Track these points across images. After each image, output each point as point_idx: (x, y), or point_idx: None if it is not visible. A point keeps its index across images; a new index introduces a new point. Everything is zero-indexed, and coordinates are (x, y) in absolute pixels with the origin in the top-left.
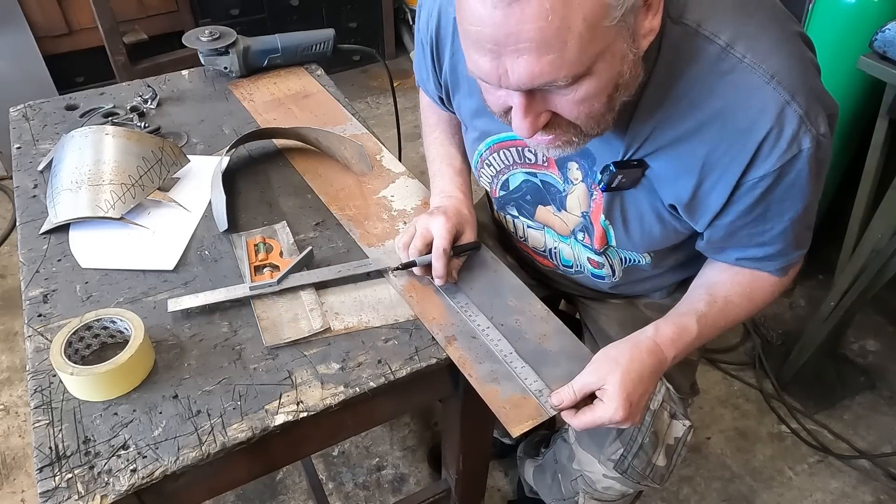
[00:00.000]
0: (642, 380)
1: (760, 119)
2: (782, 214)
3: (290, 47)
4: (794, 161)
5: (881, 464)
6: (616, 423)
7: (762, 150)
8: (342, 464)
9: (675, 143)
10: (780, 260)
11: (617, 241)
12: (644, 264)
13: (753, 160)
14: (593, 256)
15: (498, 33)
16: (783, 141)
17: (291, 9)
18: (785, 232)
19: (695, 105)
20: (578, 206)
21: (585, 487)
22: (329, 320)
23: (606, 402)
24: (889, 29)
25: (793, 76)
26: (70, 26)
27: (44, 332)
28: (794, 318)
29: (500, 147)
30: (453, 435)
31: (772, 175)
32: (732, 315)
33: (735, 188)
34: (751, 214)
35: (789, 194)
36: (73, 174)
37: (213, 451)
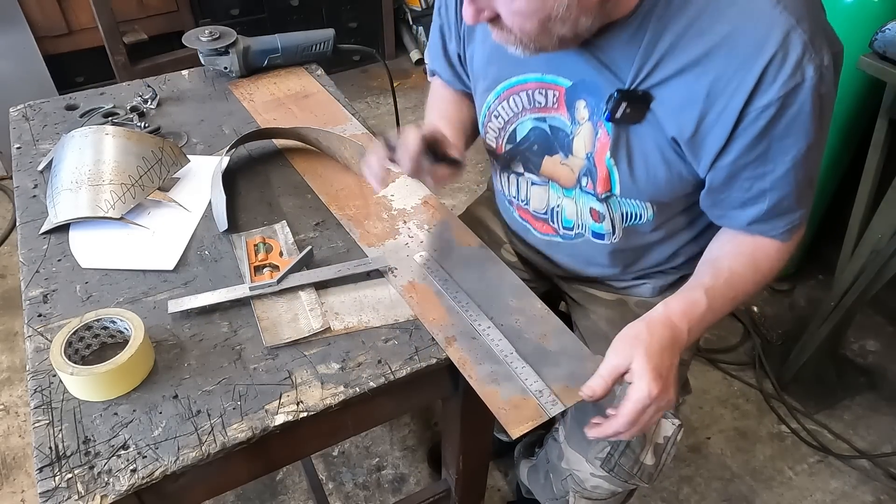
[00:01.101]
0: (664, 351)
1: (766, 42)
2: (784, 153)
3: (290, 47)
4: (797, 91)
5: (881, 464)
6: (655, 398)
7: (767, 74)
8: (342, 464)
9: (682, 71)
10: (783, 220)
11: (621, 185)
12: (645, 221)
13: (758, 86)
14: (595, 205)
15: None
16: (787, 66)
17: (291, 9)
18: (787, 176)
19: (703, 31)
20: (584, 148)
21: (575, 486)
22: (329, 320)
23: (637, 380)
24: (889, 29)
25: (798, 2)
26: (70, 26)
27: (44, 332)
28: (794, 318)
29: (511, 93)
30: (453, 435)
31: (775, 104)
32: (740, 286)
33: (738, 120)
34: (753, 152)
35: (791, 130)
36: (73, 174)
37: (213, 451)
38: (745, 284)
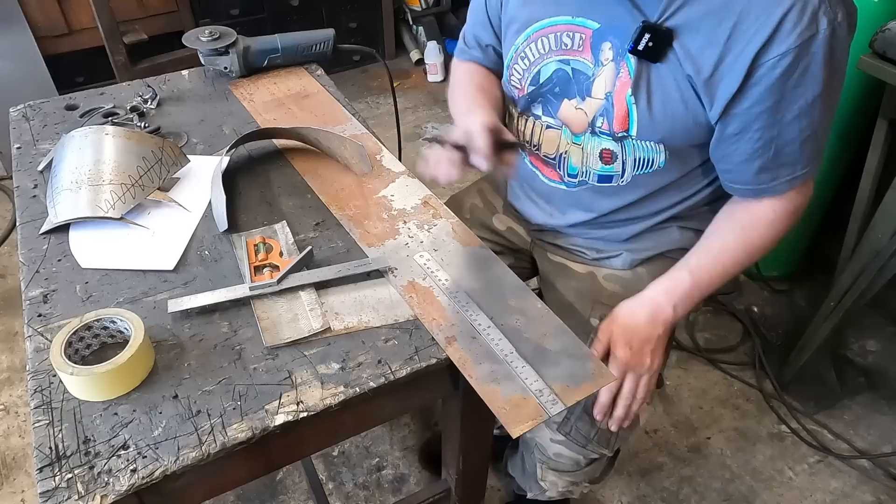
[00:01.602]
0: (639, 325)
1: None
2: (794, 101)
3: (290, 47)
4: (811, 41)
5: (881, 464)
6: (627, 363)
7: (784, 24)
8: (342, 464)
9: (707, 14)
10: (785, 170)
11: (638, 124)
12: (656, 168)
13: (774, 35)
14: (610, 145)
15: None
16: (805, 17)
17: (291, 9)
18: (793, 123)
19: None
20: (604, 88)
21: (540, 456)
22: (329, 320)
23: (611, 349)
24: (889, 29)
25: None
26: (70, 26)
27: (44, 332)
28: (794, 318)
29: (540, 35)
30: (453, 435)
31: (791, 53)
32: (729, 260)
33: (752, 67)
34: (767, 101)
35: (803, 80)
36: (73, 174)
37: (213, 451)
38: (735, 254)
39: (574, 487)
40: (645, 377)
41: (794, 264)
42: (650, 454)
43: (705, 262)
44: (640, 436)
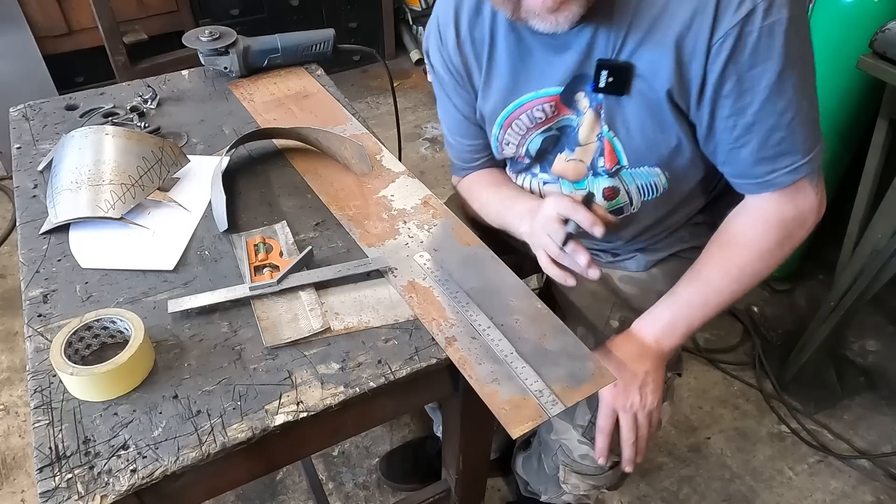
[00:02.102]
0: (627, 363)
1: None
2: (757, 82)
3: (290, 47)
4: (751, 17)
5: (881, 464)
6: (616, 402)
7: (720, 7)
8: (342, 464)
9: (652, 29)
10: (782, 161)
11: (627, 154)
12: (662, 192)
13: (716, 19)
14: (607, 183)
15: None
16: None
17: (291, 9)
18: (766, 106)
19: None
20: (592, 132)
21: (564, 459)
22: (329, 320)
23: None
24: (889, 29)
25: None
26: (70, 26)
27: (44, 332)
28: (794, 318)
29: (513, 118)
30: (453, 435)
31: (733, 33)
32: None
33: (707, 55)
34: (725, 85)
35: (758, 58)
36: (73, 174)
37: (213, 451)
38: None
39: (593, 492)
40: (640, 414)
41: (794, 264)
42: (650, 454)
43: (688, 294)
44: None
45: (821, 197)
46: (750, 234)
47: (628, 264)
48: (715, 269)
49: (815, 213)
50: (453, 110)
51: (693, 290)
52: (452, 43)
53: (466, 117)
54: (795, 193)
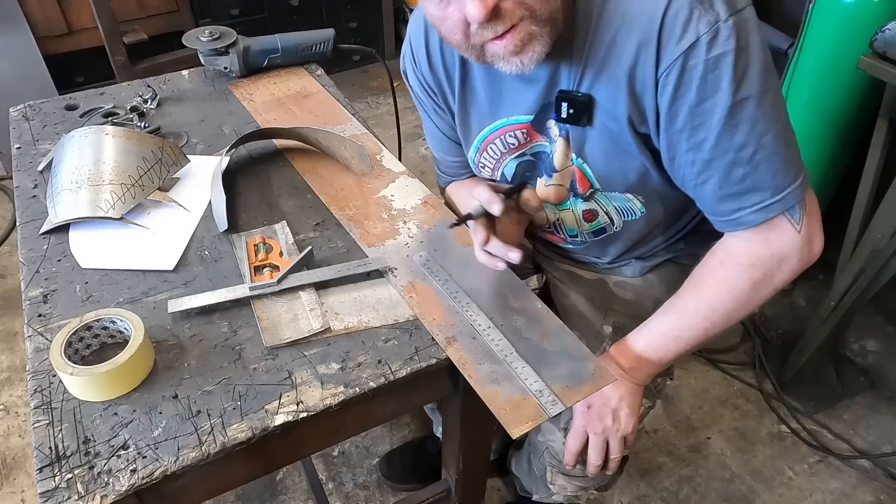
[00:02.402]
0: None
1: (654, 10)
2: (708, 117)
3: (290, 47)
4: (693, 50)
5: (881, 464)
6: (587, 426)
7: (662, 39)
8: (342, 464)
9: (605, 62)
10: (749, 198)
11: (598, 180)
12: (640, 214)
13: (659, 54)
14: (584, 206)
15: None
16: (678, 27)
17: (291, 9)
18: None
19: (611, 17)
20: (566, 157)
21: (551, 460)
22: (329, 320)
23: (574, 410)
24: (889, 29)
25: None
26: (70, 26)
27: (44, 332)
28: (794, 318)
29: (488, 142)
30: (453, 435)
31: (676, 67)
32: (685, 323)
33: (655, 88)
34: (677, 119)
35: (706, 92)
36: (73, 174)
37: (213, 451)
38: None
39: (582, 493)
40: (612, 439)
41: None
42: (650, 454)
43: (662, 326)
44: (640, 436)
45: (807, 234)
46: (721, 272)
47: (624, 270)
48: (689, 304)
49: (797, 251)
50: (435, 129)
51: (667, 323)
52: (425, 64)
53: (448, 136)
54: (770, 232)
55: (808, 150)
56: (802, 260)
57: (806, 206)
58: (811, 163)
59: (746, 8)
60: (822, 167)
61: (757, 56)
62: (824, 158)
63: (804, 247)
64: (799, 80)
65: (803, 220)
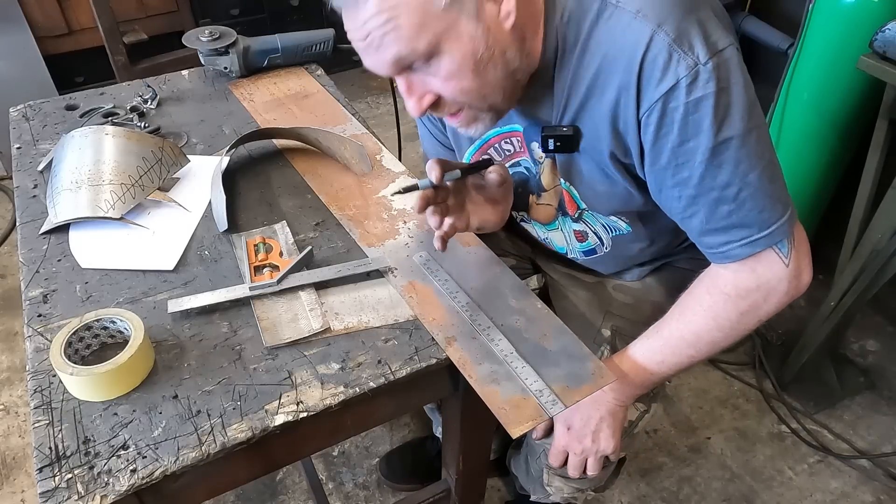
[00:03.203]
0: (580, 408)
1: (634, 52)
2: (691, 157)
3: (290, 47)
4: (673, 92)
5: (881, 464)
6: (567, 445)
7: (642, 82)
8: (342, 464)
9: (587, 98)
10: (735, 232)
11: (585, 201)
12: (627, 232)
13: (639, 95)
14: (575, 227)
15: (357, 35)
16: (657, 70)
17: (291, 9)
18: (706, 179)
19: (592, 57)
20: (554, 178)
21: (547, 462)
22: (329, 320)
23: (555, 427)
24: (889, 29)
25: (659, 7)
26: (70, 26)
27: (44, 332)
28: (794, 318)
29: (483, 150)
30: (453, 435)
31: (657, 108)
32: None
33: (638, 128)
34: (660, 158)
35: (687, 132)
36: (73, 174)
37: (212, 451)
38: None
39: (579, 494)
40: (591, 459)
41: None
42: (650, 454)
43: (646, 350)
44: (640, 436)
45: (796, 267)
46: (706, 301)
47: (623, 274)
48: (675, 331)
49: (784, 283)
50: (428, 135)
51: (652, 347)
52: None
53: (441, 143)
54: (757, 264)
55: (808, 150)
56: (789, 293)
57: (794, 239)
58: (811, 163)
59: (728, 48)
60: (822, 167)
61: (739, 96)
62: (824, 158)
63: (792, 280)
64: (799, 80)
65: (791, 253)
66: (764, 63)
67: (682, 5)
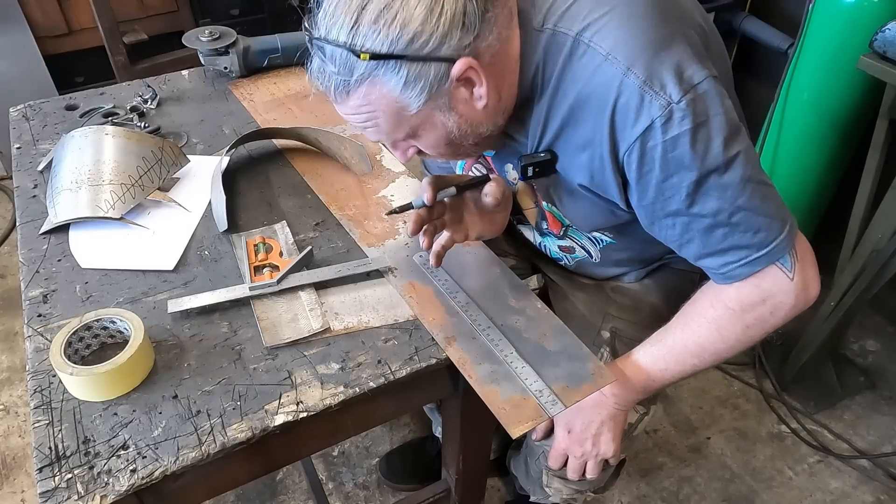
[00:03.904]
0: (580, 413)
1: (606, 96)
2: (677, 192)
3: (290, 47)
4: (649, 132)
5: (881, 464)
6: (567, 449)
7: (616, 124)
8: (342, 464)
9: (561, 131)
10: (730, 255)
11: (569, 219)
12: (614, 243)
13: (614, 136)
14: (560, 243)
15: (343, 113)
16: (630, 112)
17: (291, 9)
18: (695, 210)
19: (566, 93)
20: (529, 199)
21: (546, 463)
22: (329, 320)
23: (555, 430)
24: (889, 29)
25: (629, 48)
26: (70, 26)
27: (44, 332)
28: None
29: (472, 163)
30: (453, 435)
31: (635, 149)
32: (673, 357)
33: (616, 168)
34: (646, 195)
35: (670, 169)
36: (73, 174)
37: (212, 451)
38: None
39: (578, 495)
40: (591, 462)
41: None
42: (650, 454)
43: (650, 357)
44: (640, 436)
45: (802, 280)
46: (710, 313)
47: (622, 276)
48: (678, 340)
49: (791, 297)
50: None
51: (656, 354)
52: None
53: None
54: (761, 280)
55: (808, 150)
56: (797, 307)
57: (797, 253)
58: (811, 163)
59: (703, 81)
60: (822, 167)
61: (719, 126)
62: (824, 158)
63: (800, 293)
64: (799, 80)
65: (795, 266)
66: (764, 63)
67: (653, 44)
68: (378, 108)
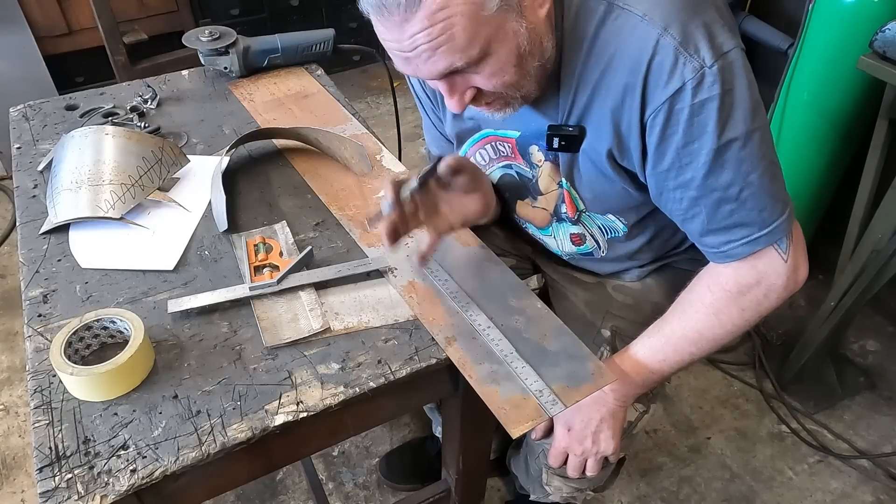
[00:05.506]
0: (579, 410)
1: (641, 55)
2: (695, 158)
3: (290, 47)
4: (680, 95)
5: (881, 464)
6: (567, 446)
7: (648, 84)
8: (342, 464)
9: (593, 97)
10: (734, 232)
11: (584, 202)
12: (622, 233)
13: (644, 97)
14: (573, 230)
15: (401, 46)
16: (664, 73)
17: (291, 9)
18: (708, 180)
19: (598, 57)
20: (552, 181)
21: (546, 462)
22: (329, 320)
23: (555, 428)
24: (889, 29)
25: (665, 10)
26: (70, 26)
27: (44, 332)
28: (794, 318)
29: (479, 147)
30: (453, 435)
31: (663, 111)
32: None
33: (641, 131)
34: (664, 160)
35: (693, 134)
36: (73, 174)
37: (212, 451)
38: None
39: (578, 494)
40: (591, 460)
41: None
42: (650, 454)
43: (648, 348)
44: (639, 436)
45: (794, 263)
46: (708, 298)
47: (623, 275)
48: (676, 328)
49: (783, 278)
50: (432, 128)
51: (654, 346)
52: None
53: (445, 136)
54: (757, 261)
55: (808, 150)
56: (788, 288)
57: (792, 236)
58: (811, 163)
59: (733, 50)
60: (822, 167)
61: (743, 97)
62: (824, 158)
63: (791, 275)
64: (799, 80)
65: (790, 249)
66: (764, 63)
67: (687, 8)
68: (456, 11)
